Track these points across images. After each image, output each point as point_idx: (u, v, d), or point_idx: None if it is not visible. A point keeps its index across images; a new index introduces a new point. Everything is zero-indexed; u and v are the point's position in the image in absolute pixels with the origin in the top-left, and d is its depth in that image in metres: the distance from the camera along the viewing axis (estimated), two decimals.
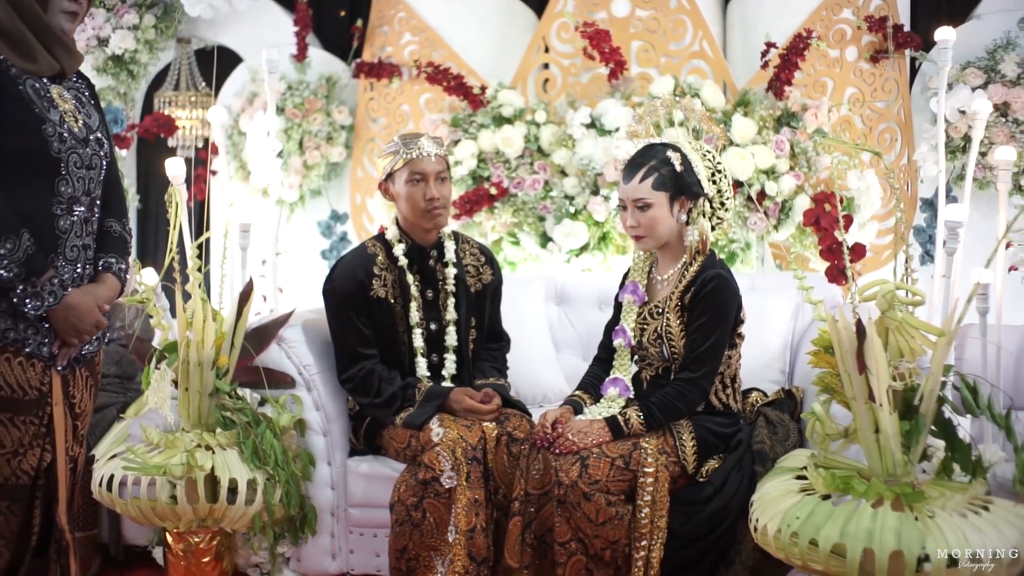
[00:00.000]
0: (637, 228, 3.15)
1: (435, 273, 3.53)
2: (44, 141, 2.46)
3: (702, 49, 4.76)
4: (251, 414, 3.37)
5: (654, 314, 3.19)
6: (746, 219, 4.40)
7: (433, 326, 3.51)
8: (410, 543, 3.18)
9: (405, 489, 3.20)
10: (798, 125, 4.45)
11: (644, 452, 3.02)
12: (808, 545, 2.49)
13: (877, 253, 4.69)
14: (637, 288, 3.29)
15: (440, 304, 3.53)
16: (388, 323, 3.47)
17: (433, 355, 3.51)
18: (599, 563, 2.99)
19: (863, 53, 4.73)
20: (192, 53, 5.72)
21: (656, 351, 3.17)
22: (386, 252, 3.51)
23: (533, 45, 5.00)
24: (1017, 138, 4.41)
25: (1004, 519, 2.48)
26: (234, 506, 3.23)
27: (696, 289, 3.10)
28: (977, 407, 2.67)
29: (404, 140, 3.43)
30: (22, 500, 2.59)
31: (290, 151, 5.28)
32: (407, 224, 3.49)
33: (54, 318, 2.51)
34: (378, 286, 3.45)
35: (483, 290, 3.62)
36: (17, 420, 2.51)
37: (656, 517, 2.98)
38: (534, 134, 4.69)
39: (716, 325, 3.07)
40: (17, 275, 2.42)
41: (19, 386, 2.50)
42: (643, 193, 3.11)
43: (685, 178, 3.12)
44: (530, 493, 3.10)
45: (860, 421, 2.61)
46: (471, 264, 3.61)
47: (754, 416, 3.25)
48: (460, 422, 3.26)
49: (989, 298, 3.29)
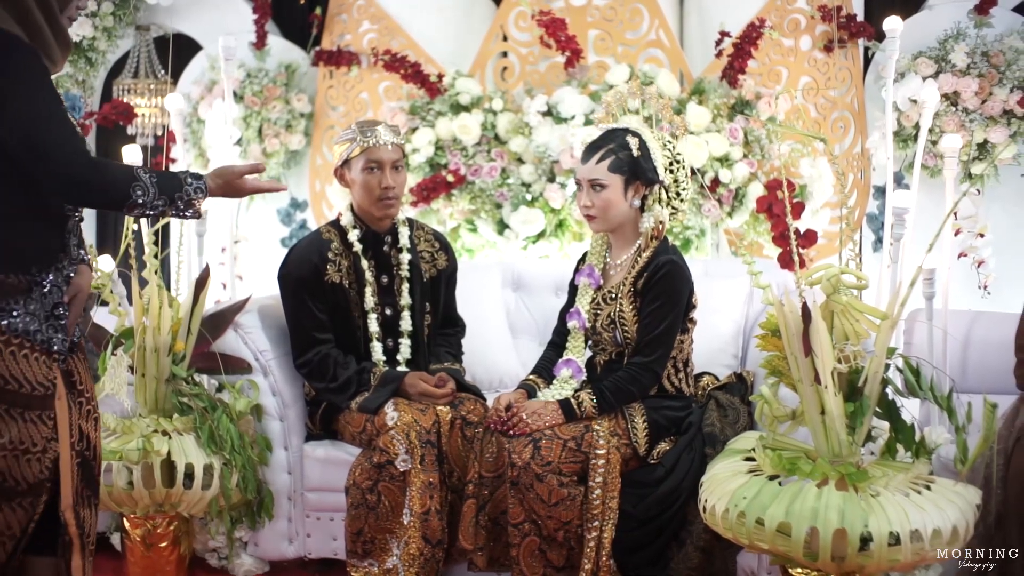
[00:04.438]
0: (590, 208, 3.18)
1: (390, 259, 3.55)
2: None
3: (658, 38, 4.80)
4: (208, 399, 3.39)
5: (607, 299, 3.23)
6: (700, 206, 4.45)
7: (388, 311, 3.53)
8: (365, 526, 3.21)
9: (360, 473, 3.23)
10: (752, 113, 4.51)
11: (596, 434, 3.06)
12: (755, 524, 2.54)
13: (830, 240, 4.74)
14: (593, 272, 3.31)
15: (395, 289, 3.55)
16: (343, 308, 3.49)
17: (388, 340, 3.53)
18: (552, 544, 3.03)
19: (817, 42, 4.78)
20: (151, 41, 5.69)
21: (609, 336, 3.21)
22: (341, 238, 3.52)
23: (491, 33, 5.02)
24: (967, 126, 4.48)
25: (945, 497, 2.54)
26: (191, 491, 3.25)
27: (649, 275, 3.13)
28: (920, 389, 2.73)
29: (361, 128, 3.44)
30: (39, 495, 2.55)
31: (249, 139, 5.27)
32: (361, 211, 3.51)
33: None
34: (332, 271, 3.46)
35: (438, 276, 3.65)
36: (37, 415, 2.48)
37: (608, 498, 3.03)
38: (491, 122, 4.71)
39: (668, 310, 3.11)
40: (165, 203, 2.47)
41: (38, 383, 2.46)
42: (598, 174, 3.14)
43: (641, 164, 3.15)
44: (484, 476, 3.14)
45: (806, 403, 2.66)
46: (426, 250, 3.64)
47: (705, 399, 3.29)
48: (414, 406, 3.29)
49: (935, 283, 3.34)
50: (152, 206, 2.46)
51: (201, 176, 2.56)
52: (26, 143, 2.35)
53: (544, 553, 3.03)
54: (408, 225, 3.61)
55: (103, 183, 2.41)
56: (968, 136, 4.46)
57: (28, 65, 2.39)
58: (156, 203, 2.46)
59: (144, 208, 2.46)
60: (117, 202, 2.44)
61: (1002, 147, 4.43)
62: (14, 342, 2.41)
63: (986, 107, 4.46)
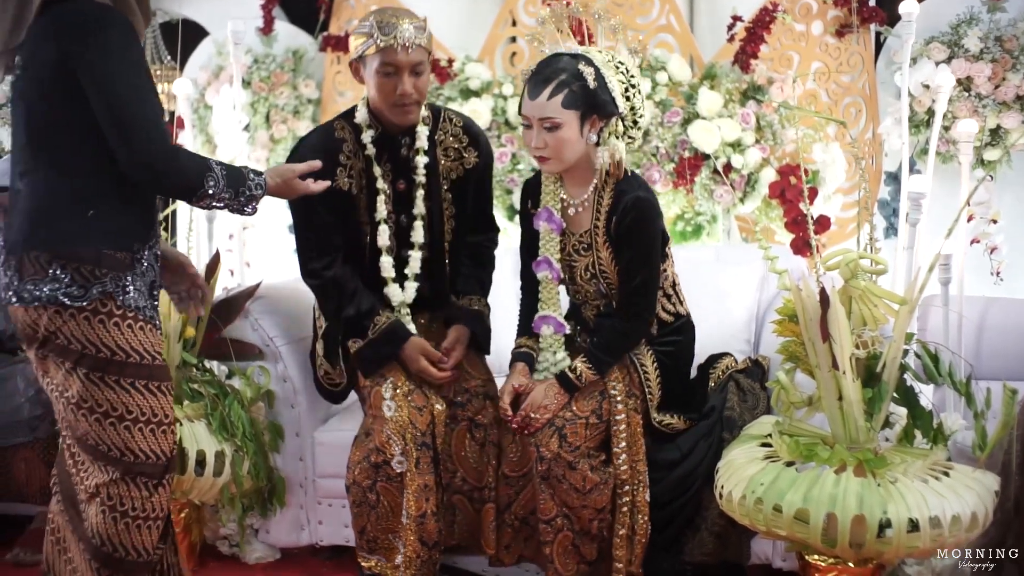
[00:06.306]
0: (543, 149, 2.90)
1: (408, 163, 3.19)
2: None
3: (669, 23, 4.77)
4: (218, 386, 3.37)
5: (580, 250, 3.06)
6: (712, 192, 4.43)
7: (403, 219, 3.21)
8: (368, 524, 3.10)
9: (360, 472, 3.09)
10: (764, 98, 4.48)
11: (613, 400, 2.99)
12: (772, 511, 2.53)
13: (842, 226, 4.72)
14: (552, 215, 3.06)
15: (411, 196, 3.20)
16: (350, 216, 3.17)
17: (402, 250, 3.22)
18: (585, 538, 2.97)
19: (828, 27, 4.74)
20: (157, 26, 5.68)
21: (593, 289, 3.08)
22: (355, 137, 3.16)
23: (500, 19, 4.99)
24: (980, 112, 4.45)
25: (963, 484, 2.53)
26: (202, 478, 3.23)
27: (619, 217, 2.94)
28: (938, 375, 2.72)
29: (380, 22, 3.01)
30: (174, 470, 2.67)
31: (256, 125, 5.25)
32: (377, 110, 3.13)
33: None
34: (343, 177, 3.13)
35: (465, 176, 3.26)
36: (158, 386, 2.55)
37: (634, 461, 2.98)
38: (501, 107, 4.69)
39: (646, 254, 2.97)
40: (231, 197, 2.51)
41: (156, 352, 2.55)
42: (552, 111, 2.85)
43: (599, 95, 2.87)
44: (509, 475, 3.09)
45: (824, 389, 2.64)
46: (452, 147, 3.25)
47: (725, 380, 3.18)
48: (412, 401, 3.08)
49: (951, 269, 3.32)
50: (220, 198, 2.49)
51: (261, 173, 2.59)
52: (115, 122, 2.37)
53: (577, 548, 2.98)
54: (432, 119, 3.22)
55: (179, 170, 2.44)
56: (981, 122, 4.43)
57: (126, 42, 2.41)
58: (223, 195, 2.49)
59: (212, 200, 2.49)
60: (190, 191, 2.46)
61: (1017, 134, 4.40)
62: (129, 316, 2.47)
63: (999, 92, 4.43)
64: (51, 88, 2.40)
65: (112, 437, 2.48)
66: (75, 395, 2.46)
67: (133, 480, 2.50)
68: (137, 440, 2.49)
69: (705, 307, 3.54)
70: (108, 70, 2.36)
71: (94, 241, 2.43)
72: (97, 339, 2.43)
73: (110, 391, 2.46)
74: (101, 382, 2.45)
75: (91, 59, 2.35)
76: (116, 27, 2.40)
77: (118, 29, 2.40)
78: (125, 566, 2.53)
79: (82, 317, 2.42)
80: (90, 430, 2.48)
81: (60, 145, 2.44)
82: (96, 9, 2.41)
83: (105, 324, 2.44)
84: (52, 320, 2.42)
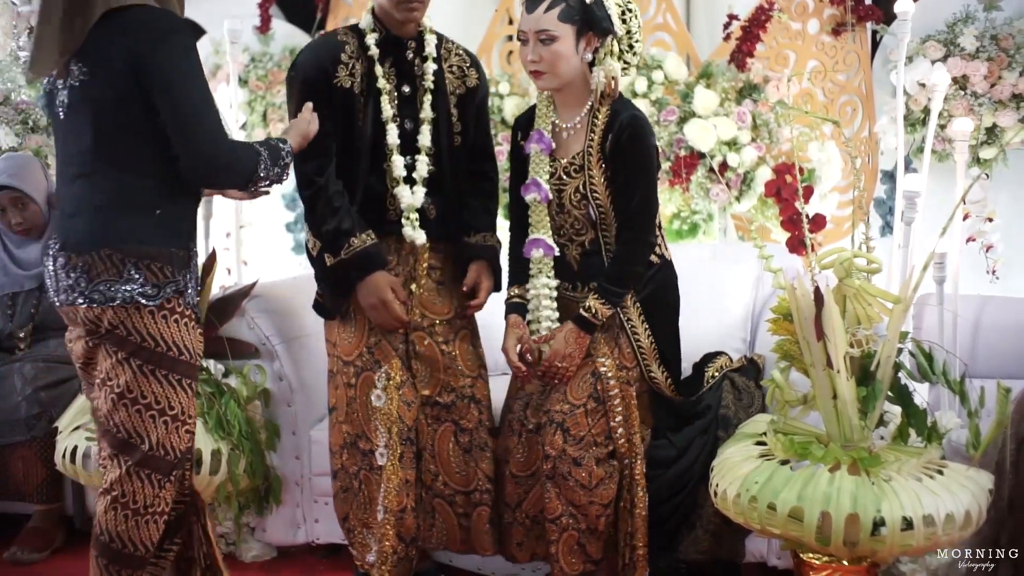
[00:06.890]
0: (539, 63, 2.91)
1: (413, 67, 3.12)
2: None
3: (665, 21, 4.77)
4: (215, 385, 3.38)
5: (571, 172, 3.02)
6: (708, 190, 4.44)
7: (408, 124, 3.10)
8: (350, 511, 3.11)
9: (347, 457, 3.09)
10: (760, 97, 4.49)
11: (605, 378, 2.98)
12: (766, 509, 2.53)
13: (838, 225, 4.72)
14: (543, 137, 3.03)
15: (417, 101, 3.11)
16: (350, 119, 3.07)
17: (407, 156, 3.10)
18: (591, 536, 2.97)
19: (825, 26, 4.75)
20: None
21: (582, 212, 3.03)
22: (358, 41, 3.08)
23: (498, 17, 4.99)
24: (975, 110, 4.45)
25: (957, 482, 2.54)
26: (199, 476, 3.23)
27: (615, 135, 2.94)
28: (932, 373, 2.73)
29: None
30: (187, 467, 2.70)
31: (254, 123, 5.26)
32: (382, 11, 3.06)
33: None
34: (344, 75, 3.02)
35: (467, 94, 3.20)
36: (190, 384, 2.60)
37: (631, 435, 2.97)
38: (498, 105, 4.69)
39: (643, 169, 2.96)
40: (278, 172, 2.58)
41: (197, 352, 2.60)
42: (548, 24, 2.87)
43: (595, 12, 2.90)
44: (517, 475, 3.09)
45: (818, 387, 2.65)
46: (456, 64, 3.19)
47: (720, 379, 3.17)
48: (403, 395, 3.04)
49: (946, 267, 3.33)
50: (269, 178, 2.56)
51: (285, 140, 2.66)
52: (183, 124, 2.42)
53: (583, 547, 2.97)
54: (437, 36, 3.18)
55: (238, 162, 2.50)
56: (977, 120, 4.44)
57: (191, 45, 2.48)
58: (272, 174, 2.56)
59: (263, 182, 2.56)
60: (247, 179, 2.53)
61: (1013, 132, 4.41)
62: (187, 314, 2.55)
63: (995, 91, 4.43)
64: (124, 92, 2.44)
65: (137, 426, 2.52)
66: (121, 385, 2.50)
67: (143, 473, 2.53)
68: (160, 432, 2.53)
69: (701, 306, 3.54)
70: (178, 74, 2.42)
71: (163, 240, 2.49)
72: (158, 334, 2.49)
73: (157, 385, 2.50)
74: (152, 375, 2.50)
75: (161, 63, 2.41)
76: (183, 32, 2.47)
77: (184, 34, 2.47)
78: (128, 560, 2.56)
79: (147, 312, 2.47)
80: (124, 421, 2.52)
81: (127, 147, 2.47)
82: (163, 15, 2.47)
83: (167, 320, 2.50)
84: (117, 314, 2.47)
